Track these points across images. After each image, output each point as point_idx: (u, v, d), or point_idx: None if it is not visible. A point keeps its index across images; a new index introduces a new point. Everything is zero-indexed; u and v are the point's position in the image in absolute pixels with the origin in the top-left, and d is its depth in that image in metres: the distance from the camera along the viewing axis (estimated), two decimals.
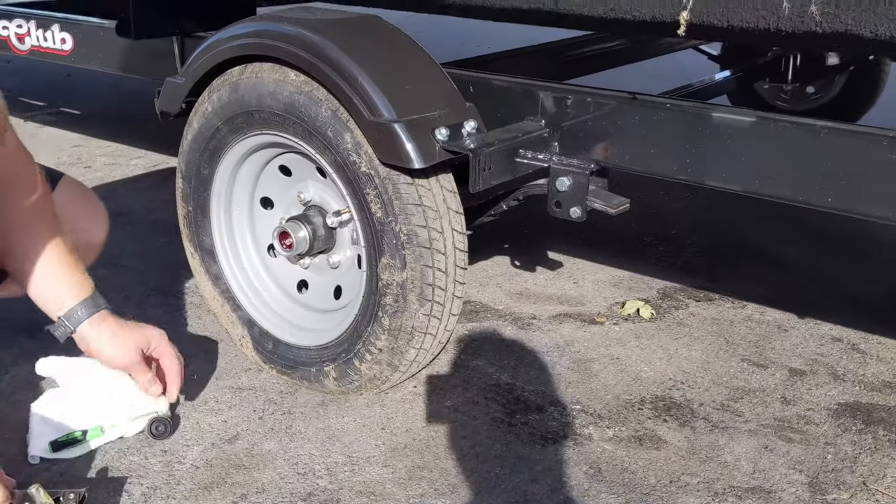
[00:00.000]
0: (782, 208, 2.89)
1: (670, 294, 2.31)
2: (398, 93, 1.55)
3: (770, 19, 1.22)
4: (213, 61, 1.72)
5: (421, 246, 1.58)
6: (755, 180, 1.45)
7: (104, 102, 4.50)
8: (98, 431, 1.62)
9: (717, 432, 1.72)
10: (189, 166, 1.84)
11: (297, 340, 1.82)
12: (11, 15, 2.64)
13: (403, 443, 1.66)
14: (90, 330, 1.48)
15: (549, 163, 1.61)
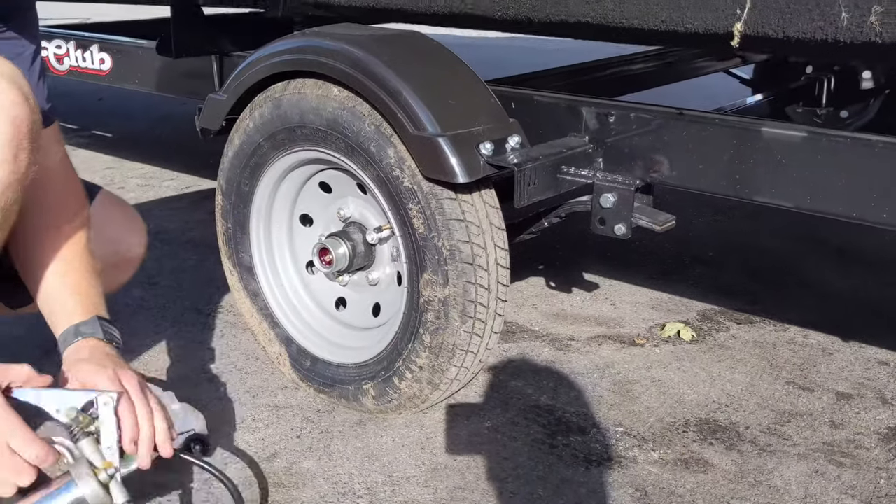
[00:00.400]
0: (819, 230, 2.87)
1: (710, 316, 2.28)
2: (442, 107, 1.54)
3: (828, 30, 1.20)
4: (255, 77, 1.72)
5: (464, 262, 1.56)
6: (807, 196, 1.43)
7: (136, 125, 4.55)
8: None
9: (766, 456, 1.67)
10: (229, 183, 1.83)
11: (336, 358, 1.80)
12: (51, 36, 2.68)
13: (444, 463, 1.63)
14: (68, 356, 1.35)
15: (593, 179, 1.59)
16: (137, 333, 2.14)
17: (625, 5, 1.38)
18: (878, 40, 1.15)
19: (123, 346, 1.45)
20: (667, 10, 1.34)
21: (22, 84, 1.17)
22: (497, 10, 1.57)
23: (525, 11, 1.52)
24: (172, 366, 1.99)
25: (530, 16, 1.50)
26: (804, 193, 1.42)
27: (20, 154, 1.15)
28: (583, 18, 1.43)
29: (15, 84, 1.15)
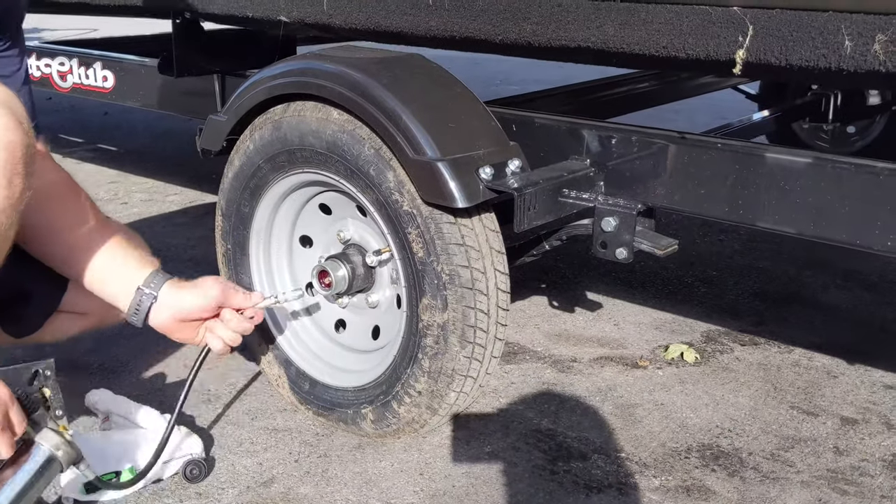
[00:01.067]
0: (823, 252, 2.85)
1: (714, 338, 2.26)
2: (442, 131, 1.53)
3: (830, 58, 1.18)
4: (256, 99, 1.71)
5: (463, 286, 1.55)
6: (810, 223, 1.41)
7: (140, 140, 4.55)
8: (132, 473, 1.59)
9: (769, 483, 1.65)
10: (229, 204, 1.83)
11: (335, 381, 1.79)
12: (54, 53, 2.68)
13: (443, 489, 1.62)
14: (169, 292, 1.42)
15: (594, 202, 1.57)
16: (138, 353, 2.13)
17: (626, 30, 1.37)
18: (881, 69, 1.14)
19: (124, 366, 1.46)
20: (668, 37, 1.32)
21: (16, 108, 1.16)
22: (497, 33, 1.56)
23: (525, 36, 1.51)
24: (171, 386, 1.98)
25: (531, 40, 1.49)
26: (807, 220, 1.41)
27: (14, 179, 1.15)
28: (583, 43, 1.42)
29: (9, 109, 1.14)
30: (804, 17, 1.21)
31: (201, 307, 1.45)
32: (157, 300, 1.42)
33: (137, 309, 1.42)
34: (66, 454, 1.24)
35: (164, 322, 1.44)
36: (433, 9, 1.62)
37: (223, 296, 1.46)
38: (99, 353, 2.10)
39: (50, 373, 1.26)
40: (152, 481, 1.61)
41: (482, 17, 1.56)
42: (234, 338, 1.48)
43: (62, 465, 1.24)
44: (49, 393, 1.25)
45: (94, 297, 1.57)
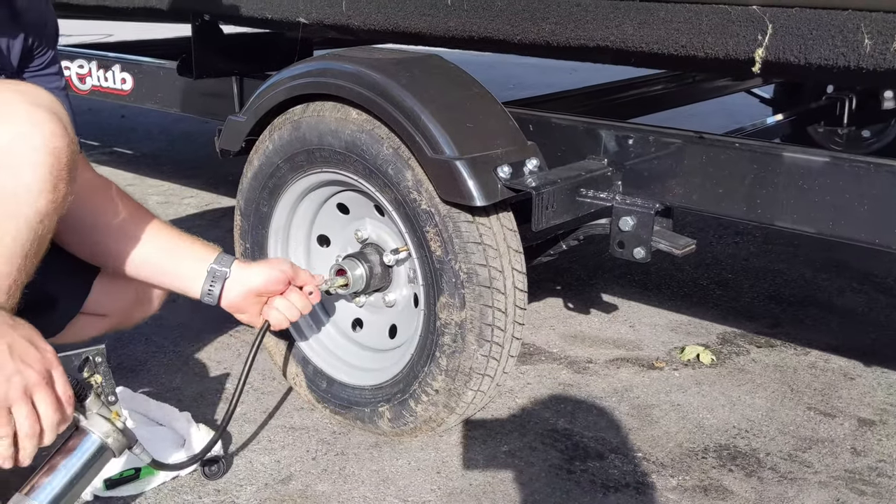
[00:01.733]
0: (840, 253, 2.84)
1: (730, 339, 2.25)
2: (460, 130, 1.54)
3: (850, 56, 1.19)
4: (275, 100, 1.73)
5: (481, 285, 1.55)
6: (829, 222, 1.41)
7: (156, 143, 4.58)
8: (152, 470, 1.60)
9: (786, 483, 1.65)
10: (248, 204, 1.84)
11: (352, 380, 1.80)
12: (73, 56, 2.70)
13: (460, 488, 1.62)
14: (240, 268, 1.49)
15: (611, 202, 1.58)
16: (156, 351, 2.14)
17: (644, 30, 1.37)
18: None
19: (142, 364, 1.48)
20: (687, 36, 1.33)
21: (62, 115, 1.19)
22: (516, 33, 1.57)
23: (544, 35, 1.52)
24: (189, 384, 1.99)
25: (549, 40, 1.50)
26: (826, 219, 1.41)
27: (59, 185, 1.17)
28: (602, 42, 1.43)
29: (55, 115, 1.17)
30: (823, 16, 1.21)
31: (276, 279, 1.52)
32: (230, 276, 1.48)
33: (211, 287, 1.48)
34: (118, 441, 1.24)
35: (235, 299, 1.50)
36: (452, 9, 1.63)
37: (293, 271, 1.54)
38: (117, 351, 2.12)
39: (101, 359, 1.25)
40: (171, 478, 1.62)
41: (501, 17, 1.57)
42: (294, 313, 1.55)
43: (114, 452, 1.24)
44: (100, 379, 1.25)
45: (115, 300, 1.59)
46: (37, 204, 1.14)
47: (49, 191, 1.15)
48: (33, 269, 1.20)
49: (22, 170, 1.13)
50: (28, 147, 1.13)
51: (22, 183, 1.13)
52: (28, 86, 1.20)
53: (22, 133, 1.12)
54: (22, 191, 1.13)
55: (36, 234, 1.16)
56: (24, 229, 1.14)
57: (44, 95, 1.19)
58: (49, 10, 1.51)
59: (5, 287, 1.15)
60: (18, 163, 1.12)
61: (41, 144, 1.14)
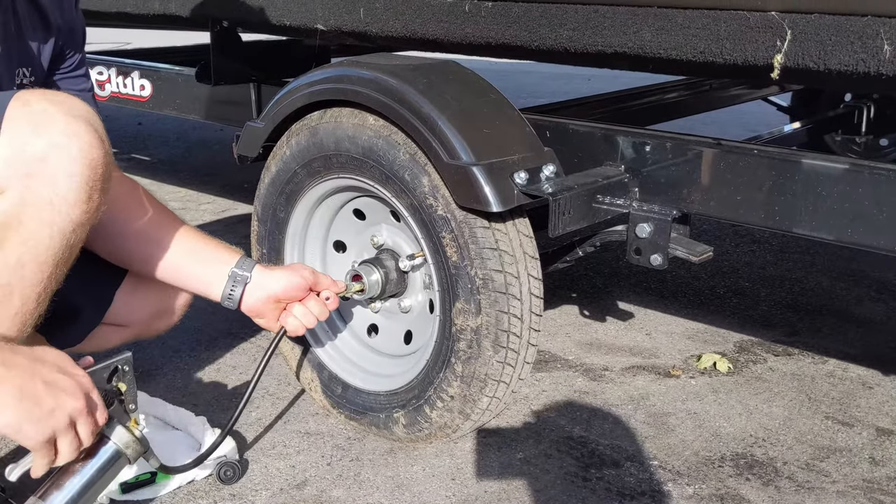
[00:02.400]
0: (857, 262, 2.82)
1: (747, 348, 2.24)
2: (477, 136, 1.54)
3: (870, 62, 1.18)
4: (293, 106, 1.74)
5: (497, 291, 1.55)
6: (848, 229, 1.40)
7: (173, 150, 4.61)
8: (166, 476, 1.61)
9: (804, 492, 1.63)
10: (265, 209, 1.85)
11: (367, 385, 1.80)
12: (92, 62, 2.73)
13: (475, 495, 1.62)
14: (261, 273, 1.50)
15: (628, 208, 1.57)
16: (172, 355, 2.15)
17: (662, 36, 1.37)
18: None
19: (159, 369, 1.49)
20: (705, 42, 1.33)
21: (97, 125, 1.20)
22: (534, 40, 1.57)
23: (562, 42, 1.52)
24: (205, 389, 2.00)
25: (567, 46, 1.50)
26: (845, 226, 1.40)
27: (94, 195, 1.18)
28: (620, 49, 1.43)
29: (91, 126, 1.17)
30: (843, 22, 1.21)
31: (296, 286, 1.52)
32: (251, 281, 1.49)
33: (232, 290, 1.49)
34: (134, 450, 1.25)
35: (255, 303, 1.51)
36: (469, 15, 1.63)
37: (314, 277, 1.55)
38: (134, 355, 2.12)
39: (128, 368, 1.27)
40: (186, 482, 1.62)
41: (518, 24, 1.57)
42: (310, 320, 1.55)
43: (129, 459, 1.26)
44: (124, 387, 1.26)
45: (136, 310, 1.60)
46: (71, 214, 1.16)
47: (84, 201, 1.16)
48: (63, 277, 1.21)
49: (58, 179, 1.14)
50: (65, 157, 1.14)
51: (58, 193, 1.14)
52: (65, 96, 1.21)
53: (59, 143, 1.13)
54: (58, 200, 1.14)
55: (68, 243, 1.17)
56: (58, 238, 1.15)
57: (80, 106, 1.19)
58: (78, 15, 1.53)
59: (35, 295, 1.16)
60: (55, 172, 1.13)
61: (78, 155, 1.15)
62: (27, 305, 1.16)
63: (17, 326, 1.16)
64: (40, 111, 1.15)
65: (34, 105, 1.15)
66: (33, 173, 1.12)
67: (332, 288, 1.58)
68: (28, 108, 1.15)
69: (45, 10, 1.42)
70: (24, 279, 1.15)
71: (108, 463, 1.24)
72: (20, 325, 1.17)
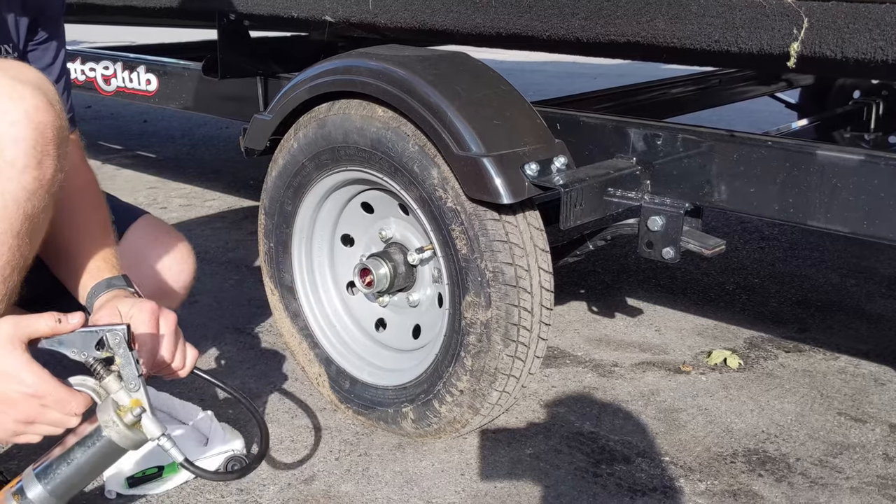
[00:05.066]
0: (867, 258, 2.80)
1: (758, 344, 2.22)
2: (487, 128, 1.52)
3: (888, 50, 1.16)
4: (300, 98, 1.72)
5: (507, 284, 1.54)
6: (863, 222, 1.38)
7: (178, 147, 4.61)
8: (175, 468, 1.60)
9: (817, 489, 1.61)
10: (273, 202, 1.83)
11: (375, 380, 1.79)
12: (99, 57, 2.72)
13: (484, 490, 1.60)
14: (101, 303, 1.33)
15: (640, 201, 1.56)
16: None
17: (677, 25, 1.35)
18: None
19: None
20: (720, 30, 1.31)
21: (47, 90, 1.16)
22: (545, 30, 1.55)
23: (574, 31, 1.50)
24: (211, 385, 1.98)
25: (579, 36, 1.49)
26: (860, 218, 1.38)
27: (45, 160, 1.14)
28: (633, 38, 1.41)
29: (39, 90, 1.14)
30: (861, 9, 1.19)
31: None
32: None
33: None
34: (127, 439, 1.17)
35: None
36: (479, 5, 1.62)
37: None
38: None
39: (117, 339, 1.15)
40: (193, 476, 1.61)
41: (530, 13, 1.56)
42: None
43: (124, 449, 1.18)
44: (119, 361, 1.16)
45: None
46: (21, 180, 1.12)
47: (34, 167, 1.12)
48: (29, 252, 1.17)
49: (3, 145, 1.10)
50: (7, 122, 1.10)
51: (4, 159, 1.10)
52: (12, 62, 1.18)
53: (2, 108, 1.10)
54: (5, 167, 1.10)
55: (25, 212, 1.13)
56: (12, 206, 1.12)
57: (29, 72, 1.16)
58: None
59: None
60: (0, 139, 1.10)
61: (22, 118, 1.11)
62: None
63: None
64: None
65: None
66: None
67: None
68: None
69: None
70: None
71: (97, 448, 1.18)
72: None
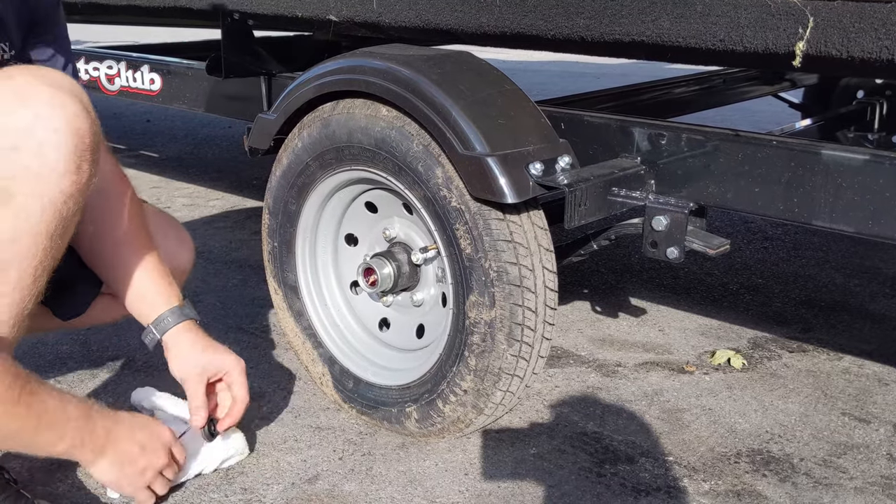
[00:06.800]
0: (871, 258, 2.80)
1: (761, 344, 2.22)
2: (491, 127, 1.52)
3: (894, 50, 1.16)
4: (305, 97, 1.72)
5: (511, 284, 1.53)
6: (868, 221, 1.38)
7: (181, 147, 4.61)
8: None
9: (821, 489, 1.61)
10: (276, 202, 1.83)
11: (379, 380, 1.78)
12: (102, 56, 2.72)
13: (488, 490, 1.60)
14: (171, 338, 1.49)
15: (644, 201, 1.55)
16: None
17: (681, 24, 1.35)
18: None
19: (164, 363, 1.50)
20: (725, 30, 1.31)
21: (82, 96, 1.19)
22: (550, 29, 1.55)
23: (578, 31, 1.50)
24: None
25: (584, 35, 1.49)
26: (865, 218, 1.38)
27: (83, 165, 1.17)
28: (637, 38, 1.41)
29: (76, 97, 1.17)
30: (866, 8, 1.19)
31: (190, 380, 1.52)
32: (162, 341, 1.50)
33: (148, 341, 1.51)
34: None
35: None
36: (484, 5, 1.62)
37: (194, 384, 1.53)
38: (143, 351, 2.11)
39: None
40: (194, 475, 1.61)
41: (534, 13, 1.55)
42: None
43: None
44: None
45: None
46: (61, 184, 1.15)
47: (73, 171, 1.16)
48: (59, 253, 1.21)
49: (45, 150, 1.13)
50: (51, 128, 1.13)
51: (46, 164, 1.13)
52: (48, 69, 1.22)
53: (44, 115, 1.13)
54: (46, 171, 1.13)
55: (61, 215, 1.17)
56: (49, 210, 1.15)
57: (63, 78, 1.20)
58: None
59: (31, 269, 1.16)
60: (41, 144, 1.13)
61: (64, 126, 1.14)
62: (24, 280, 1.17)
63: (17, 302, 1.17)
64: (24, 84, 1.14)
65: (18, 79, 1.15)
66: (20, 146, 1.12)
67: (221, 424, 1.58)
68: (12, 82, 1.15)
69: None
70: (19, 253, 1.15)
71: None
72: (19, 301, 1.18)
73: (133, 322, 1.54)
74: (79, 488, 1.58)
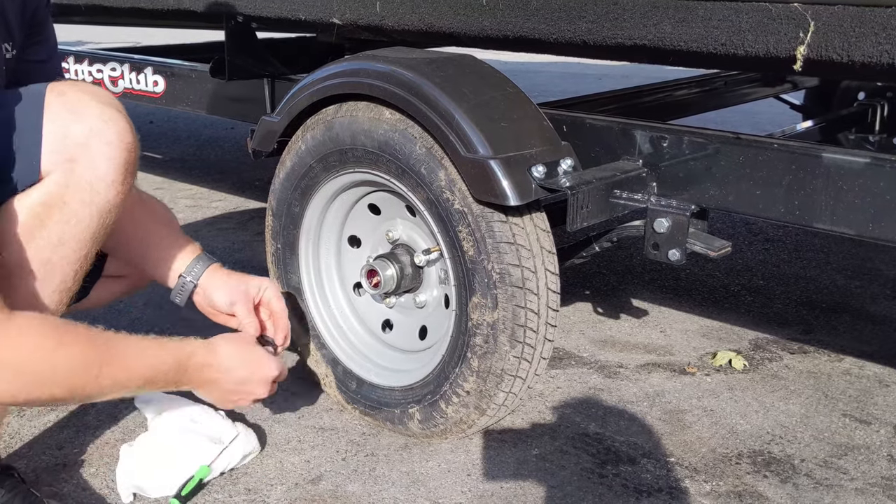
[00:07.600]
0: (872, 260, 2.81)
1: (763, 345, 2.23)
2: (494, 130, 1.53)
3: (894, 53, 1.17)
4: (308, 100, 1.73)
5: (513, 285, 1.54)
6: (868, 224, 1.39)
7: (184, 148, 4.62)
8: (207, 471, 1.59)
9: (822, 490, 1.62)
10: (280, 204, 1.84)
11: (381, 381, 1.79)
12: (106, 58, 2.73)
13: (491, 490, 1.61)
14: (206, 279, 1.55)
15: (646, 203, 1.56)
16: None
17: (683, 28, 1.36)
18: None
19: None
20: (727, 34, 1.32)
21: (124, 111, 1.28)
22: (551, 32, 1.56)
23: (581, 34, 1.51)
24: None
25: (586, 38, 1.49)
26: (865, 220, 1.39)
27: (128, 177, 1.27)
28: (639, 41, 1.42)
29: (121, 112, 1.26)
30: (867, 13, 1.20)
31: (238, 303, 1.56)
32: (198, 288, 1.56)
33: (181, 292, 1.56)
34: None
35: (202, 306, 1.59)
36: (487, 8, 1.63)
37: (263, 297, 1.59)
38: None
39: None
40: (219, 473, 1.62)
41: (537, 17, 1.56)
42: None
43: None
44: None
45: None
46: (108, 194, 1.24)
47: (120, 182, 1.24)
48: (94, 258, 1.29)
49: (98, 163, 1.22)
50: (104, 142, 1.22)
51: (97, 175, 1.22)
52: (92, 86, 1.30)
53: (97, 129, 1.22)
54: (97, 182, 1.22)
55: (104, 222, 1.25)
56: (96, 218, 1.24)
57: (106, 94, 1.28)
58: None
59: (73, 272, 1.25)
60: (95, 156, 1.21)
61: (115, 139, 1.23)
62: (66, 283, 1.25)
63: (56, 303, 1.25)
64: (76, 100, 1.23)
65: (70, 95, 1.23)
66: (76, 158, 1.20)
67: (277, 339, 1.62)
68: (64, 98, 1.23)
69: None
70: (65, 257, 1.23)
71: None
72: (58, 302, 1.25)
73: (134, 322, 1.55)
74: (84, 488, 1.59)
